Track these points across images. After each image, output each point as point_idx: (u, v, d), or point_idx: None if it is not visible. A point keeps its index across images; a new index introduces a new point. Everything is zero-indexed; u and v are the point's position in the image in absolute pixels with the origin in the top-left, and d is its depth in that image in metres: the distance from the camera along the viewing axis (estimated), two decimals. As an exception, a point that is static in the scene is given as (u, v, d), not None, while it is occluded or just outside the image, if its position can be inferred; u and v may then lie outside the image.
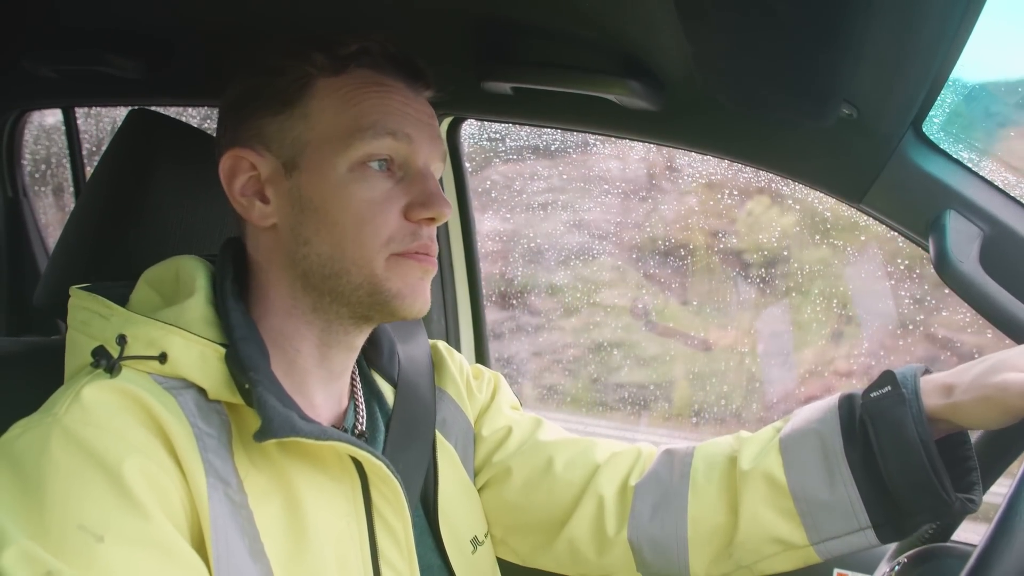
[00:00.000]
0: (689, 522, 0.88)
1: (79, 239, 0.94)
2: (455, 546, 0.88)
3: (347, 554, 0.74)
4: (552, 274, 2.37)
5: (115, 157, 0.94)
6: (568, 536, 0.92)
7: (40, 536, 0.57)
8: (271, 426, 0.67)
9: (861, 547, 0.82)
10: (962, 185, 0.94)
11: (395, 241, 0.75)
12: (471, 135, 1.80)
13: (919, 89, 0.85)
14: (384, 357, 0.92)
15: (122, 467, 0.61)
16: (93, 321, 0.73)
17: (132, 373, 0.69)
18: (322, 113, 0.75)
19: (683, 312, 2.40)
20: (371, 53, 0.77)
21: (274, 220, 0.76)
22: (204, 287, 0.75)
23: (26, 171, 1.98)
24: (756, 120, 1.03)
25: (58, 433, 0.62)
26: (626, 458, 0.95)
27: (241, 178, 0.77)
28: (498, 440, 0.97)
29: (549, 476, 0.94)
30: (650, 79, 1.01)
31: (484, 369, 1.05)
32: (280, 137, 0.75)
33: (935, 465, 0.76)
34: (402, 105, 0.78)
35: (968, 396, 0.76)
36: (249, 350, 0.71)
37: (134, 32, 1.21)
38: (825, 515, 0.82)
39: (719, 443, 0.93)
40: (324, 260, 0.75)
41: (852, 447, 0.82)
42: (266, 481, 0.70)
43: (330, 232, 0.74)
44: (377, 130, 0.75)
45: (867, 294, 2.23)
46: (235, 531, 0.66)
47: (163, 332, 0.70)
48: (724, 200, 2.22)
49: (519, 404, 1.06)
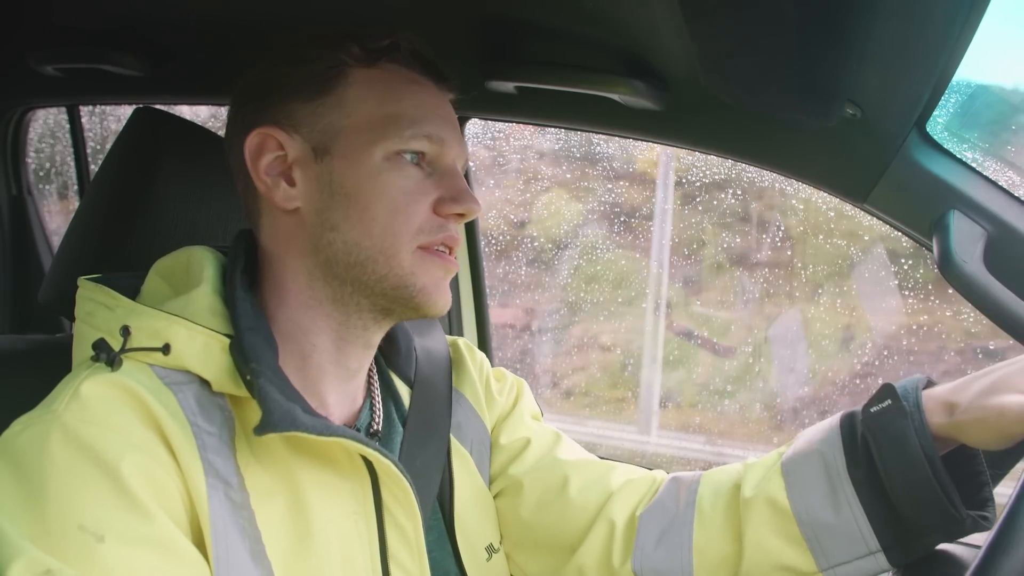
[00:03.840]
0: (694, 552, 0.86)
1: (84, 237, 0.94)
2: (470, 552, 0.87)
3: (354, 553, 0.73)
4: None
5: (120, 155, 0.94)
6: (578, 563, 0.90)
7: (40, 537, 0.57)
8: (271, 419, 0.65)
9: (872, 572, 0.79)
10: (966, 185, 0.94)
11: (424, 232, 0.75)
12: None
13: (923, 89, 0.84)
14: (401, 356, 0.91)
15: (121, 465, 0.60)
16: (98, 312, 0.72)
17: (133, 366, 0.68)
18: (360, 102, 0.75)
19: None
20: (401, 49, 0.78)
21: (298, 204, 0.76)
22: (212, 277, 0.75)
23: (31, 169, 1.98)
24: (760, 120, 1.02)
25: (57, 431, 0.61)
26: (640, 486, 0.93)
27: (268, 157, 0.76)
28: (516, 451, 0.95)
29: (563, 498, 0.91)
30: (654, 79, 1.01)
31: (508, 373, 1.03)
32: (311, 122, 0.75)
33: (942, 480, 0.73)
34: (435, 107, 0.79)
35: (968, 417, 0.73)
36: (254, 340, 0.70)
37: (137, 30, 1.21)
38: (832, 539, 0.80)
39: (726, 470, 0.91)
40: (351, 247, 0.74)
41: (855, 465, 0.79)
42: (270, 478, 0.70)
43: (360, 218, 0.74)
44: (416, 130, 0.75)
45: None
46: (236, 533, 0.66)
47: (167, 323, 0.69)
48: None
49: (540, 414, 1.03)
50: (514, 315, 2.82)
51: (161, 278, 0.76)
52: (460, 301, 1.61)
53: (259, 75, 0.78)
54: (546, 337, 2.82)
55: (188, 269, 0.76)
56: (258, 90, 0.78)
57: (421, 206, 0.75)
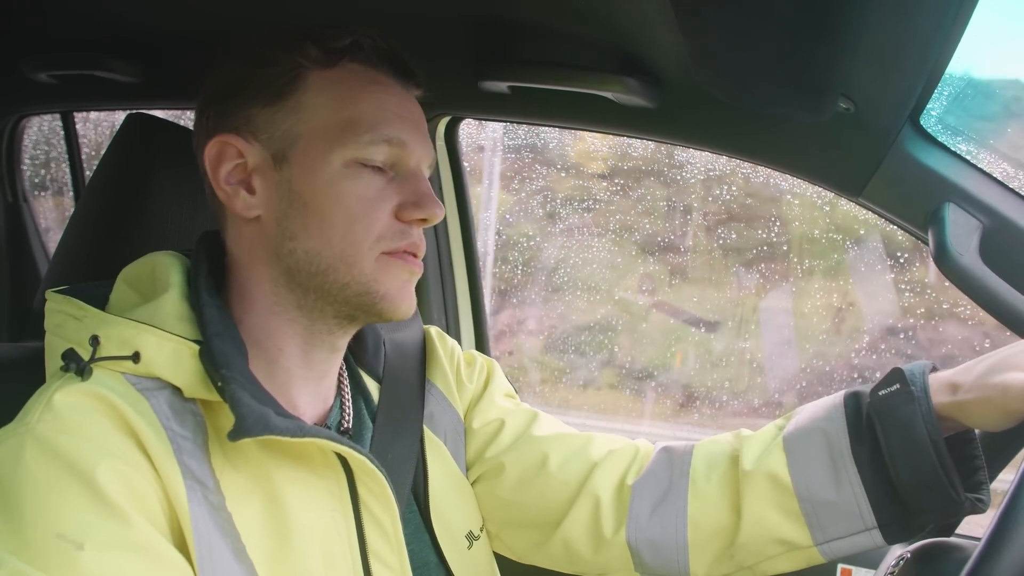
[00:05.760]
0: (689, 523, 0.87)
1: (79, 243, 0.94)
2: (449, 542, 0.87)
3: (334, 550, 0.73)
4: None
5: (114, 161, 0.94)
6: (563, 536, 0.91)
7: (20, 549, 0.57)
8: (244, 424, 0.65)
9: (867, 547, 0.81)
10: (961, 178, 0.94)
11: (385, 239, 0.74)
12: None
13: (916, 82, 0.84)
14: (369, 353, 0.91)
15: (97, 473, 0.60)
16: (67, 323, 0.72)
17: (104, 375, 0.68)
18: (316, 108, 0.74)
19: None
20: (363, 48, 0.76)
21: (259, 212, 0.75)
22: (179, 283, 0.74)
23: (26, 176, 1.98)
24: (753, 115, 1.02)
25: (32, 442, 0.61)
26: (623, 456, 0.94)
27: (227, 165, 0.75)
28: (490, 434, 0.95)
29: (543, 474, 0.92)
30: (646, 76, 1.01)
31: (477, 355, 1.02)
32: (270, 128, 0.74)
33: (944, 465, 0.74)
34: (397, 107, 0.77)
35: (972, 396, 0.74)
36: (223, 346, 0.70)
37: (130, 37, 1.21)
38: (830, 515, 0.81)
39: (719, 441, 0.92)
40: (311, 256, 0.73)
41: (859, 446, 0.80)
42: (245, 481, 0.69)
43: (319, 228, 0.73)
44: (374, 135, 0.74)
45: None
46: (216, 533, 0.65)
47: (136, 331, 0.69)
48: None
49: (515, 393, 1.03)
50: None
51: (128, 286, 0.76)
52: (457, 300, 1.61)
53: (219, 79, 0.77)
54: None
55: (154, 275, 0.75)
56: (218, 94, 0.77)
57: (381, 213, 0.74)
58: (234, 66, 0.76)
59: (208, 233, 0.80)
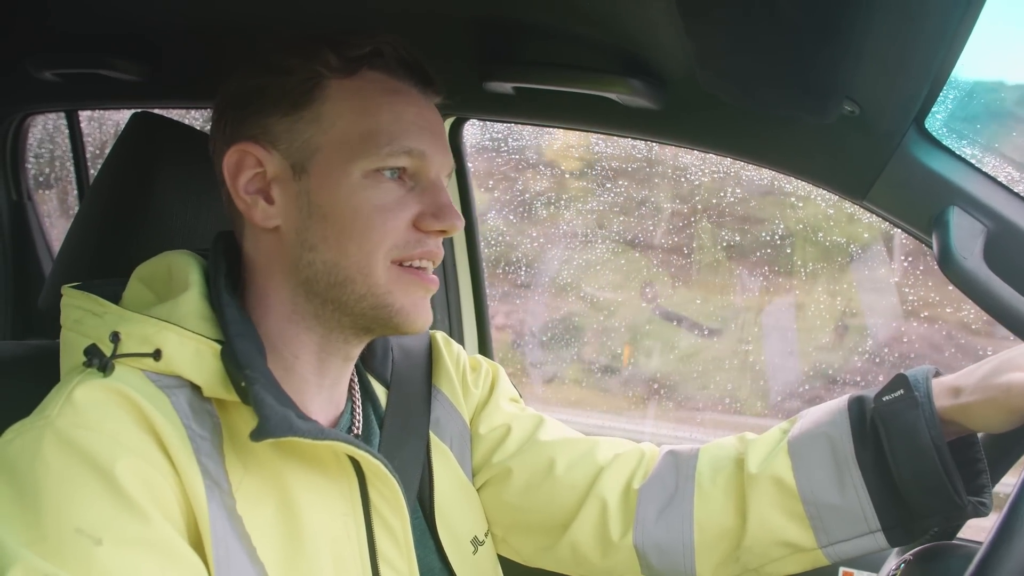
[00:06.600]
0: (695, 526, 0.88)
1: (83, 242, 0.94)
2: (455, 547, 0.87)
3: (344, 554, 0.73)
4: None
5: (119, 160, 0.94)
6: (571, 539, 0.91)
7: (37, 542, 0.57)
8: (268, 425, 0.65)
9: (870, 550, 0.82)
10: (965, 181, 0.94)
11: (399, 247, 0.74)
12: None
13: (921, 85, 0.84)
14: (377, 358, 0.91)
15: (116, 468, 0.60)
16: (86, 319, 0.72)
17: (125, 371, 0.68)
18: (336, 119, 0.74)
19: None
20: (384, 55, 0.76)
21: (278, 222, 0.75)
22: (198, 282, 0.74)
23: (30, 174, 1.98)
24: (758, 118, 1.02)
25: (51, 436, 0.61)
26: (629, 460, 0.94)
27: (246, 174, 0.75)
28: (497, 439, 0.96)
29: (550, 479, 0.92)
30: (651, 77, 1.01)
31: (483, 360, 1.03)
32: (289, 138, 0.74)
33: (948, 469, 0.76)
34: (417, 117, 0.76)
35: (974, 398, 0.76)
36: (245, 347, 0.70)
37: (135, 35, 1.21)
38: (834, 518, 0.82)
39: (723, 445, 0.92)
40: (330, 267, 0.74)
41: (863, 451, 0.81)
42: (259, 484, 0.69)
43: (338, 239, 0.73)
44: (394, 147, 0.74)
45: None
46: (232, 534, 0.66)
47: (157, 328, 0.69)
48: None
49: (519, 397, 1.03)
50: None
51: (143, 284, 0.76)
52: (460, 304, 1.62)
53: (237, 85, 0.77)
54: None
55: (170, 274, 0.76)
56: (236, 101, 0.77)
57: (399, 222, 0.74)
58: (251, 72, 0.76)
59: (223, 233, 0.80)
